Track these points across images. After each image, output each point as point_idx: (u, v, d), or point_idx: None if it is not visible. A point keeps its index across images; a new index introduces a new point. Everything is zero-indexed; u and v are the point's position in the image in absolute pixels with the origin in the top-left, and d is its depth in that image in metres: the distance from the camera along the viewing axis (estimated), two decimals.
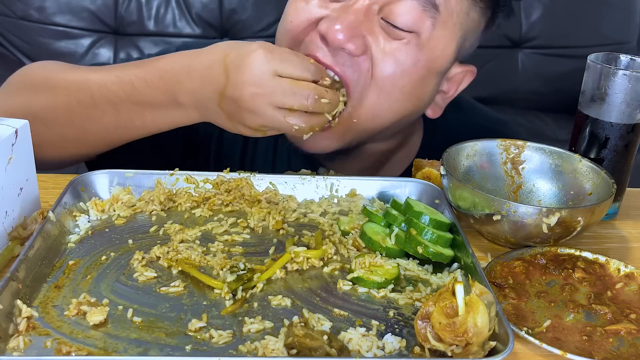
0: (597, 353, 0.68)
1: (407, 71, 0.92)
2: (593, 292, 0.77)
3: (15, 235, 0.78)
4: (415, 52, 0.91)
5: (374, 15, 0.90)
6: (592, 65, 0.92)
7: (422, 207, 0.84)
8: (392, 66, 0.91)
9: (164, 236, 0.83)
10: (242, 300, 0.71)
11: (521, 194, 0.95)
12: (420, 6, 0.89)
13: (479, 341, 0.62)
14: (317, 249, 0.79)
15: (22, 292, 0.68)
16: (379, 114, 0.95)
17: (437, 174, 0.94)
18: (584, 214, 0.80)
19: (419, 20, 0.89)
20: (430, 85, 0.97)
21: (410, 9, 0.89)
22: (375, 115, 0.94)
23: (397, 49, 0.91)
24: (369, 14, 0.90)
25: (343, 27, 0.87)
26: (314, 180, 0.93)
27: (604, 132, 0.92)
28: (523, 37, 2.56)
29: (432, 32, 0.91)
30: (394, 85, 0.92)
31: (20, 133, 0.78)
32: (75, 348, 0.62)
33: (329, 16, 0.90)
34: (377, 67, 0.91)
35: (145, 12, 2.38)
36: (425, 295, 0.74)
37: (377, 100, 0.93)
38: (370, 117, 0.94)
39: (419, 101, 0.98)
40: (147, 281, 0.74)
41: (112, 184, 0.90)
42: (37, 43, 2.33)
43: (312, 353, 0.62)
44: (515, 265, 0.80)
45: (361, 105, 0.93)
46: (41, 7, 2.32)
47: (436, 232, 0.80)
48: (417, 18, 0.89)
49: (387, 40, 0.90)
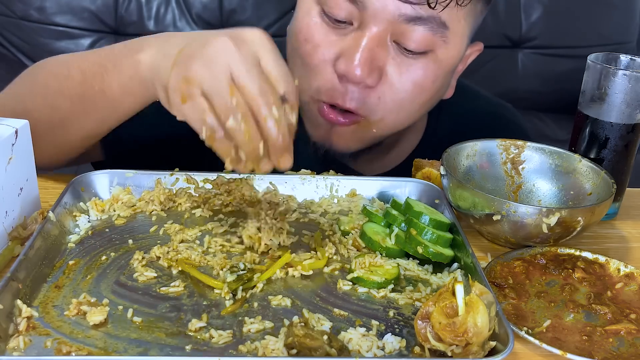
0: (597, 353, 0.68)
1: (426, 88, 0.92)
2: (593, 292, 0.77)
3: (15, 235, 0.78)
4: (433, 70, 0.91)
5: (387, 41, 0.88)
6: (592, 65, 0.92)
7: (422, 207, 0.84)
8: (409, 86, 0.91)
9: (164, 236, 0.83)
10: (242, 300, 0.71)
11: (521, 194, 0.95)
12: (430, 30, 0.87)
13: (479, 341, 0.62)
14: (321, 259, 0.79)
15: (22, 292, 0.68)
16: (399, 123, 0.96)
17: (437, 174, 0.94)
18: (584, 214, 0.80)
19: (430, 43, 0.88)
20: (447, 82, 0.98)
21: (420, 34, 0.87)
22: (394, 125, 0.96)
23: (413, 70, 0.90)
24: (382, 43, 0.88)
25: (361, 63, 0.86)
26: (314, 180, 0.93)
27: (604, 132, 0.92)
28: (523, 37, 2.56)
29: (446, 47, 0.90)
30: (412, 102, 0.93)
31: (20, 133, 0.78)
32: (75, 348, 0.62)
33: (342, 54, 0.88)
34: (394, 91, 0.90)
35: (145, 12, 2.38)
36: (425, 295, 0.74)
37: (397, 116, 0.94)
38: (390, 128, 0.96)
39: (438, 97, 0.99)
40: (147, 281, 0.74)
41: (112, 184, 0.90)
42: (37, 43, 2.33)
43: (312, 353, 0.62)
44: (515, 265, 0.80)
45: (381, 122, 0.94)
46: (41, 7, 2.32)
47: (436, 232, 0.80)
48: (429, 42, 0.88)
49: (402, 63, 0.89)
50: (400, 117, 0.94)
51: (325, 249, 0.81)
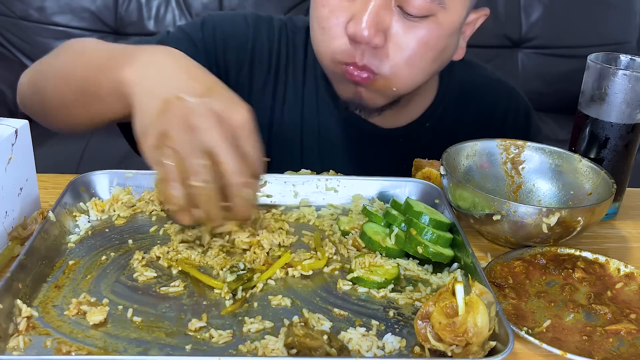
0: (597, 353, 0.68)
1: (431, 46, 0.98)
2: (593, 292, 0.77)
3: (15, 235, 0.78)
4: (435, 31, 0.97)
5: (391, 6, 0.95)
6: (592, 65, 0.92)
7: (422, 207, 0.84)
8: (414, 45, 0.97)
9: (164, 236, 0.83)
10: (242, 300, 0.71)
11: (521, 194, 0.95)
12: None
13: (479, 341, 0.62)
14: (321, 259, 0.79)
15: (22, 292, 0.68)
16: (415, 79, 1.02)
17: (437, 174, 0.94)
18: (583, 214, 0.80)
19: (429, 8, 0.95)
20: (453, 43, 1.03)
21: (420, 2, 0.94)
22: (411, 81, 1.02)
23: (416, 30, 0.96)
24: (387, 5, 0.94)
25: (367, 24, 0.93)
26: (314, 180, 0.93)
27: (604, 132, 0.92)
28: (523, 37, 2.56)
29: (445, 11, 0.96)
30: (421, 58, 0.99)
31: (20, 133, 0.78)
32: (75, 348, 0.62)
33: (354, 17, 0.95)
34: (402, 49, 0.97)
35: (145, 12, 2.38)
36: (425, 295, 0.74)
37: (410, 72, 1.00)
38: (408, 84, 1.02)
39: (448, 56, 1.05)
40: (147, 281, 0.74)
41: (112, 184, 0.90)
42: (37, 43, 2.33)
43: (312, 353, 0.62)
44: (515, 265, 0.80)
45: (396, 77, 0.99)
46: (41, 7, 2.32)
47: (436, 232, 0.80)
48: (428, 7, 0.95)
49: (405, 25, 0.96)
50: (413, 73, 1.00)
51: (325, 249, 0.81)
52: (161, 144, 0.71)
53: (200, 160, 0.70)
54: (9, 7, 2.31)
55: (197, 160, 0.70)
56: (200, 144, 0.71)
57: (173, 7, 2.38)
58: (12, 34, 2.32)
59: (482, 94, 1.21)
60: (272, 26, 1.16)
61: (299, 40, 1.16)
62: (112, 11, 2.36)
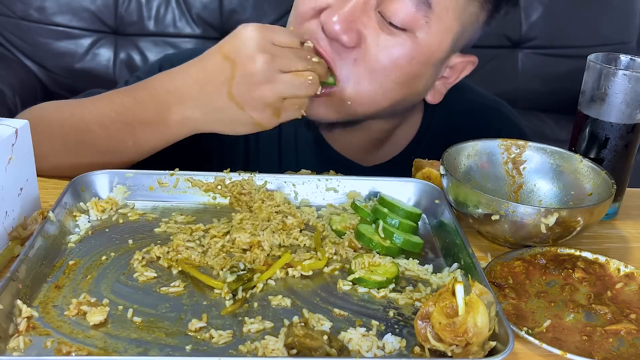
0: (597, 353, 0.68)
1: (401, 66, 0.94)
2: (593, 292, 0.77)
3: (15, 235, 0.78)
4: (410, 50, 0.93)
5: (371, 9, 0.92)
6: (592, 65, 0.92)
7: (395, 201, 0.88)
8: (385, 60, 0.93)
9: (164, 236, 0.83)
10: (242, 300, 0.71)
11: (522, 194, 0.95)
12: (413, 5, 0.91)
13: (479, 341, 0.62)
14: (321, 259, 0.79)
15: (22, 292, 0.68)
16: (373, 100, 0.98)
17: (437, 174, 0.94)
18: (583, 214, 0.80)
19: (412, 19, 0.92)
20: (425, 76, 0.99)
21: (404, 7, 0.91)
22: (369, 100, 0.98)
23: (391, 45, 0.93)
24: (366, 8, 0.92)
25: (340, 19, 0.91)
26: (314, 180, 0.93)
27: (604, 132, 0.92)
28: (523, 37, 2.56)
29: (427, 30, 0.93)
30: (387, 77, 0.95)
31: (20, 133, 0.78)
32: (76, 348, 0.62)
33: (329, 7, 0.93)
34: (370, 60, 0.93)
35: (145, 12, 2.38)
36: (425, 295, 0.74)
37: (370, 87, 0.96)
38: (364, 102, 0.97)
39: (414, 90, 1.01)
40: (147, 281, 0.74)
41: (112, 184, 0.90)
42: (37, 43, 2.33)
43: (312, 353, 0.62)
44: (515, 265, 0.80)
45: (355, 91, 0.96)
46: (41, 7, 2.32)
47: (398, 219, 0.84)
48: (410, 17, 0.91)
49: (382, 35, 0.93)
50: (373, 90, 0.96)
51: (326, 249, 0.81)
52: (275, 104, 0.87)
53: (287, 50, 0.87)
54: (9, 7, 2.31)
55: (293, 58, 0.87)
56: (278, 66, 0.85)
57: (173, 7, 2.38)
58: (12, 34, 2.32)
59: (473, 121, 1.15)
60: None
61: None
62: (112, 11, 2.36)
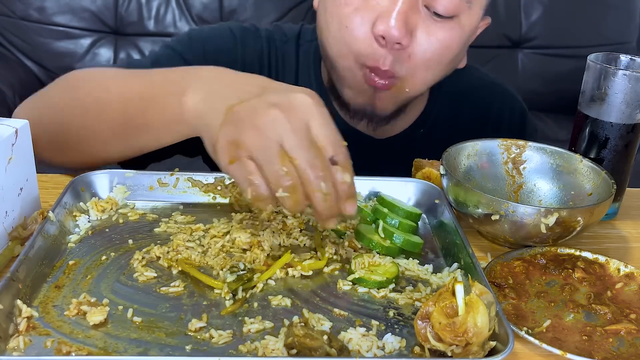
0: (597, 353, 0.68)
1: (451, 49, 0.99)
2: (593, 292, 0.77)
3: (15, 235, 0.78)
4: (457, 34, 0.98)
5: (418, 6, 0.95)
6: (592, 65, 0.92)
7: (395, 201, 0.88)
8: (437, 49, 0.97)
9: (164, 236, 0.83)
10: (242, 300, 0.71)
11: (522, 194, 0.95)
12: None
13: (479, 341, 0.62)
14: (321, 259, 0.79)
15: (22, 292, 0.68)
16: (427, 82, 1.03)
17: (437, 174, 0.94)
18: (582, 214, 0.80)
19: (457, 7, 0.96)
20: (464, 49, 1.05)
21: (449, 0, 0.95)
22: (424, 84, 1.03)
23: (441, 34, 0.97)
24: (414, 6, 0.94)
25: (398, 25, 0.93)
26: None
27: (604, 132, 0.92)
28: (523, 37, 2.56)
29: (469, 13, 0.98)
30: (439, 62, 1.00)
31: (20, 133, 0.78)
32: (76, 348, 0.62)
33: (381, 16, 0.94)
34: (425, 52, 0.97)
35: (145, 12, 2.38)
36: (425, 295, 0.74)
37: (425, 74, 1.00)
38: (419, 86, 1.03)
39: (457, 63, 1.07)
40: (147, 281, 0.74)
41: (112, 184, 0.90)
42: (37, 43, 2.33)
43: (312, 353, 0.62)
44: (515, 265, 0.80)
45: (412, 78, 1.00)
46: (41, 7, 2.32)
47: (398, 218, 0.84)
48: (456, 6, 0.95)
49: (431, 27, 0.96)
50: (428, 75, 1.01)
51: (326, 249, 0.81)
52: (236, 155, 0.70)
53: (279, 166, 0.68)
54: (9, 7, 2.31)
55: (275, 166, 0.68)
56: (272, 141, 0.68)
57: (173, 7, 2.38)
58: (12, 34, 2.32)
59: (476, 97, 1.21)
60: (258, 37, 1.14)
61: (289, 49, 1.14)
62: (112, 11, 2.36)
